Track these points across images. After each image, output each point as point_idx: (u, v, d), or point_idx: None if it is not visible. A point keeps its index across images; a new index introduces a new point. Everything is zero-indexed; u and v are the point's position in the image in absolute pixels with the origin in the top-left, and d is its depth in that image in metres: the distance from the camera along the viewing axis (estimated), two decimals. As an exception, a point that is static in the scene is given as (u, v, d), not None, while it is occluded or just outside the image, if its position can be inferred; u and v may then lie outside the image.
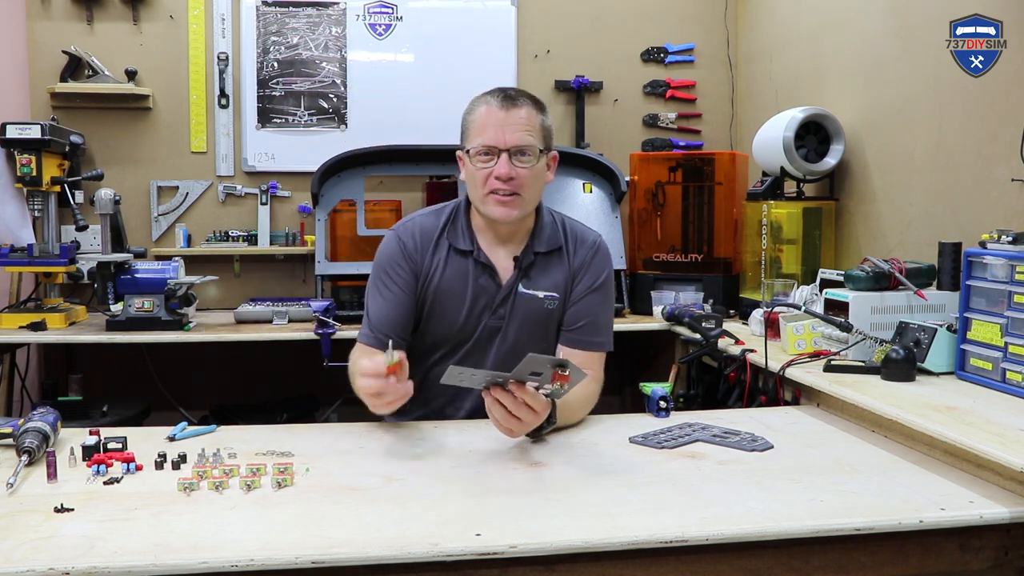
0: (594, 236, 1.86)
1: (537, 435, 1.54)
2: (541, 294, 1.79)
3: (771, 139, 2.90)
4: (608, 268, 1.85)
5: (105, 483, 1.31)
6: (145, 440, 1.54)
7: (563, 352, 1.81)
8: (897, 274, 2.08)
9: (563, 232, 1.83)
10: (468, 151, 1.72)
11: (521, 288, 1.79)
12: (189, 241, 3.53)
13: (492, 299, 1.78)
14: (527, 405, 1.41)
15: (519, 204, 1.71)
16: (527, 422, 1.43)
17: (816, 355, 2.08)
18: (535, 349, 1.46)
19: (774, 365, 2.04)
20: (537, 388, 1.42)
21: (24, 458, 1.35)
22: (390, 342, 1.50)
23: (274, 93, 3.56)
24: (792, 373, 1.98)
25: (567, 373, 1.39)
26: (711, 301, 3.01)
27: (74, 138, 3.05)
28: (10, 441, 1.43)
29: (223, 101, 3.54)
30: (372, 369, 1.45)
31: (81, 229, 2.99)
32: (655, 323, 2.95)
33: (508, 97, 1.70)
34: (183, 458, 1.40)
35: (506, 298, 1.78)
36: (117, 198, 2.95)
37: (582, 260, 1.82)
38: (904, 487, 1.33)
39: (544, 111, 1.76)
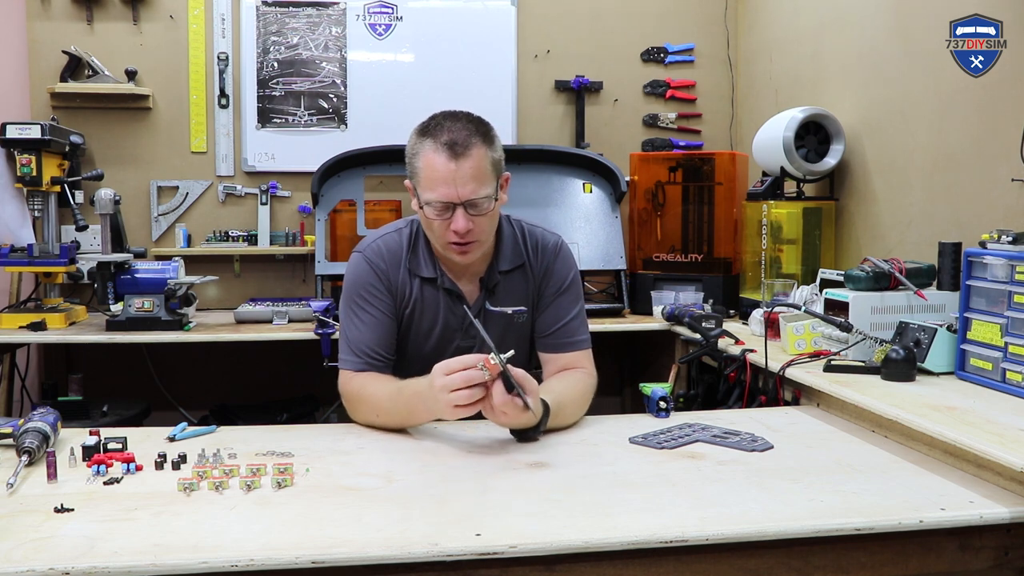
0: (555, 239, 1.86)
1: (524, 437, 1.54)
2: (510, 310, 1.80)
3: (771, 139, 2.90)
4: (572, 268, 1.85)
5: (105, 483, 1.31)
6: (145, 440, 1.54)
7: (546, 358, 1.82)
8: (897, 274, 2.08)
9: (523, 243, 1.82)
10: (419, 197, 1.67)
11: (489, 307, 1.79)
12: (189, 241, 3.53)
13: (462, 322, 1.78)
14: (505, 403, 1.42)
15: (479, 248, 1.71)
16: (499, 410, 1.43)
17: (816, 355, 2.07)
18: (514, 362, 1.46)
19: (774, 365, 2.04)
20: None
21: (24, 458, 1.35)
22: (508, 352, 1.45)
23: (274, 93, 3.56)
24: (792, 373, 1.98)
25: (494, 363, 1.41)
26: (711, 301, 3.01)
27: (74, 138, 3.05)
28: (10, 441, 1.43)
29: (223, 101, 3.54)
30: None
31: (81, 229, 2.99)
32: (655, 323, 2.95)
33: (454, 144, 1.60)
34: (183, 458, 1.40)
35: (476, 318, 1.79)
36: (117, 198, 2.95)
37: (545, 266, 1.82)
38: (904, 487, 1.33)
39: (491, 140, 1.67)
